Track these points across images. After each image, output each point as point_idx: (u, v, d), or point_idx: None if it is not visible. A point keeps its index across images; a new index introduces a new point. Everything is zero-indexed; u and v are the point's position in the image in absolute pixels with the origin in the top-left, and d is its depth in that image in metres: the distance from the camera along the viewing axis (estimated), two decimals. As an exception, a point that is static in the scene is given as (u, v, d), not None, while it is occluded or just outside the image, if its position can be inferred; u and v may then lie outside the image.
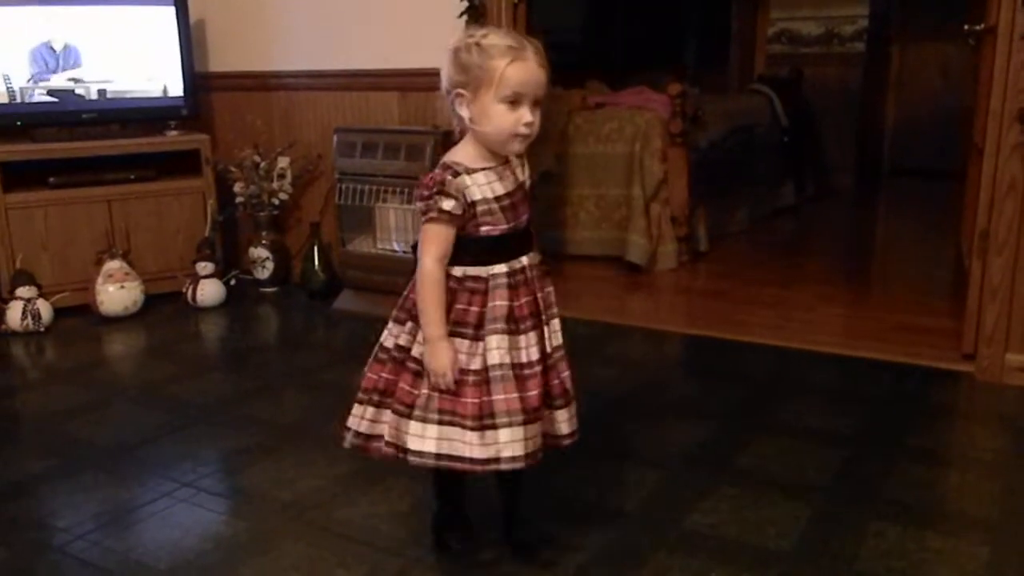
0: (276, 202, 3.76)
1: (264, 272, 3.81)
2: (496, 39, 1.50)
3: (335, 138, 3.48)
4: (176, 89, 3.73)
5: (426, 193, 1.54)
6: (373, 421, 1.61)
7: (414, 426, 1.56)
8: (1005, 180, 2.49)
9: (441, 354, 1.52)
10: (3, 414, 2.62)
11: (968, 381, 2.63)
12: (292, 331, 3.54)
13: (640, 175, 4.01)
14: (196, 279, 3.60)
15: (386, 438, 1.59)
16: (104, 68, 3.62)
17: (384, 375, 1.60)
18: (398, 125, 3.52)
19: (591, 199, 4.10)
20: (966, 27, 2.97)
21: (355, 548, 1.79)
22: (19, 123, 3.50)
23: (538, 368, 1.57)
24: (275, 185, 3.73)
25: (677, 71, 4.35)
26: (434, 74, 3.70)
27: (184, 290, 3.61)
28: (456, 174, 1.53)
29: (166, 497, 2.02)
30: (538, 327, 1.59)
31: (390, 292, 3.39)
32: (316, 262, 3.68)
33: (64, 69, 3.55)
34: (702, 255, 4.25)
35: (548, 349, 1.60)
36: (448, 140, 3.25)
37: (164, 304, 3.60)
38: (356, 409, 1.64)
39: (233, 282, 3.77)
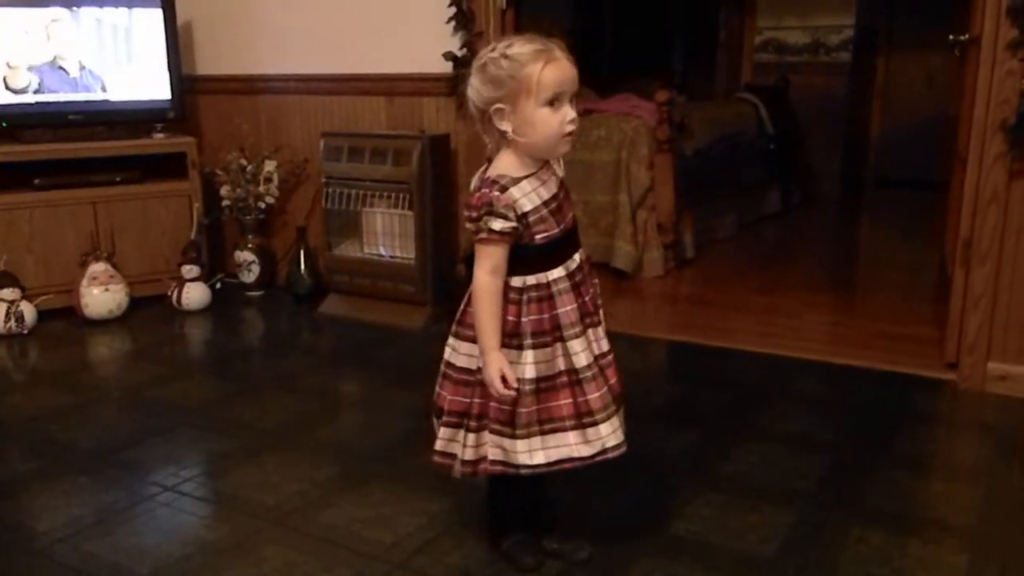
0: (262, 206, 3.75)
1: (250, 276, 3.80)
2: (522, 47, 1.49)
3: (322, 142, 3.48)
4: (163, 92, 3.72)
5: (475, 215, 1.52)
6: (477, 446, 1.61)
7: (520, 444, 1.57)
8: (988, 189, 2.51)
9: (493, 365, 1.53)
10: (-16, 417, 2.61)
11: (950, 389, 2.65)
12: (277, 335, 3.53)
13: (627, 182, 4.02)
14: (181, 282, 3.58)
15: (491, 457, 1.59)
16: (90, 70, 3.61)
17: (476, 399, 1.60)
18: (385, 130, 3.52)
19: (578, 206, 4.07)
20: (951, 37, 3.00)
21: (339, 552, 1.78)
22: (4, 124, 3.48)
23: (611, 356, 1.64)
24: (261, 189, 3.72)
25: (664, 79, 4.37)
26: (421, 79, 3.69)
27: (169, 293, 3.59)
28: (504, 189, 1.51)
29: (148, 501, 2.01)
30: (601, 320, 1.64)
31: (376, 297, 3.42)
32: (302, 266, 3.67)
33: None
34: (688, 262, 4.27)
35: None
36: (436, 144, 3.27)
37: (149, 307, 3.58)
38: (446, 432, 1.63)
39: (218, 285, 3.75)
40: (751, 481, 2.08)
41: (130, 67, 3.67)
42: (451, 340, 1.64)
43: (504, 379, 1.52)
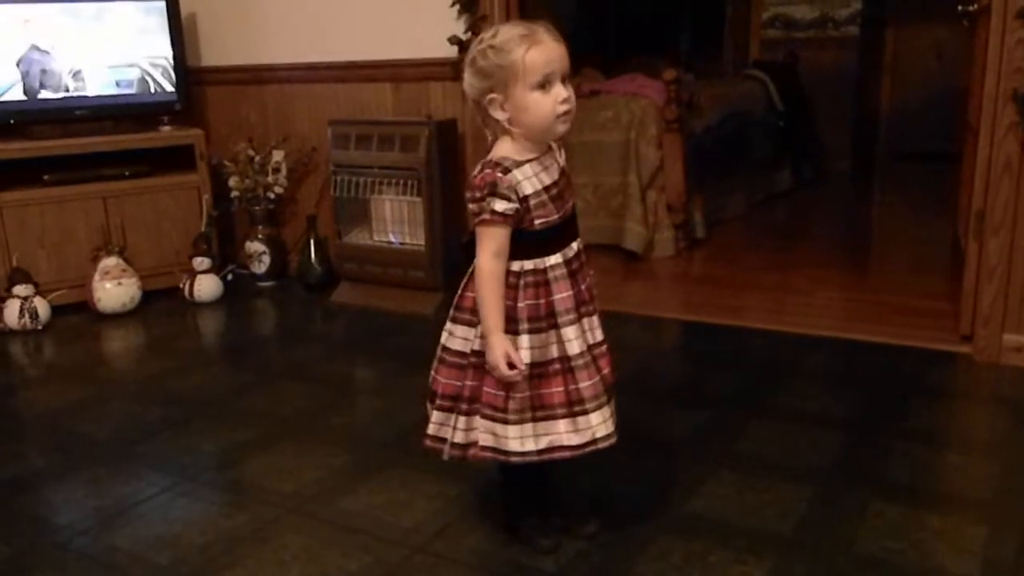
0: (271, 196, 3.75)
1: (261, 266, 3.81)
2: (505, 34, 1.50)
3: (329, 130, 3.48)
4: (168, 84, 3.72)
5: (478, 195, 1.52)
6: (467, 429, 1.61)
7: (512, 430, 1.57)
8: (1000, 160, 2.49)
9: (497, 348, 1.53)
10: (3, 412, 2.62)
11: (965, 362, 2.64)
12: (290, 324, 3.54)
13: (636, 162, 4.00)
14: (193, 274, 3.60)
15: (481, 443, 1.59)
16: (95, 64, 3.61)
17: (468, 382, 1.60)
18: (392, 116, 3.51)
19: (587, 188, 4.09)
20: (960, 7, 2.96)
21: (357, 538, 1.79)
22: (12, 121, 3.49)
23: (604, 346, 1.64)
24: (270, 179, 3.72)
25: (671, 57, 4.34)
26: (427, 64, 3.68)
27: (181, 285, 3.61)
28: (507, 170, 1.52)
29: (167, 491, 2.03)
30: (596, 309, 1.64)
31: (387, 284, 3.42)
32: (312, 255, 3.68)
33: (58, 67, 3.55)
34: (699, 241, 4.25)
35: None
36: (443, 129, 3.26)
37: (161, 300, 3.60)
38: (438, 416, 1.63)
39: (230, 277, 3.77)
40: (766, 458, 2.08)
41: (135, 60, 3.67)
42: (448, 324, 1.65)
43: (510, 363, 1.52)
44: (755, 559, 1.67)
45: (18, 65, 3.47)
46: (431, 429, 1.65)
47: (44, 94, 3.54)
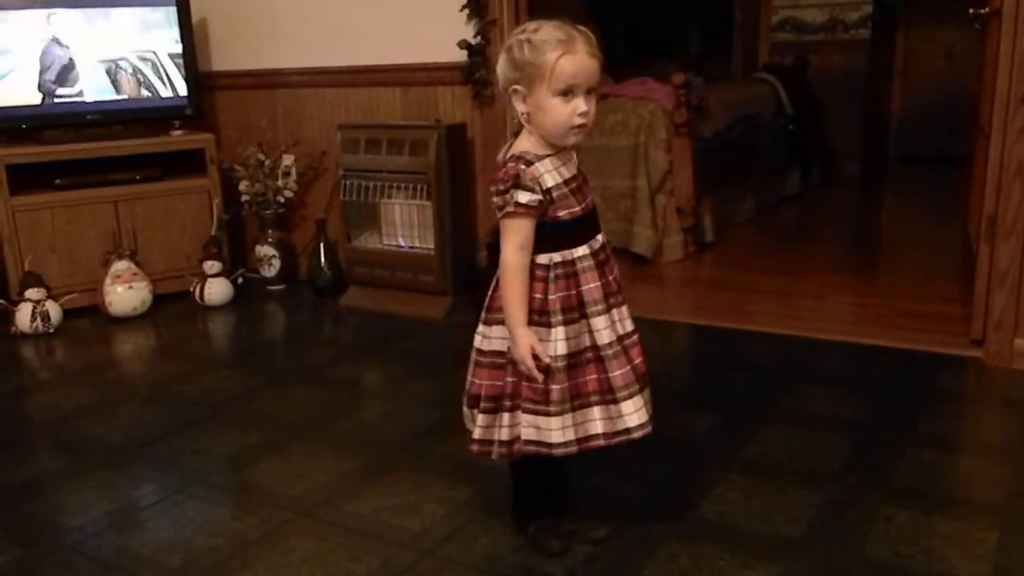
0: (281, 200, 3.77)
1: (271, 270, 3.82)
2: (546, 33, 1.51)
3: (339, 134, 3.49)
4: (180, 89, 3.74)
5: (502, 188, 1.55)
6: (511, 426, 1.62)
7: (555, 421, 1.58)
8: (1012, 164, 2.48)
9: (522, 341, 1.54)
10: (15, 415, 2.64)
11: (977, 367, 2.62)
12: (299, 328, 3.55)
13: (645, 166, 4.00)
14: (203, 278, 3.61)
15: (524, 437, 1.60)
16: (105, 68, 3.64)
17: (508, 379, 1.60)
18: (401, 120, 3.52)
19: (596, 191, 4.01)
20: (971, 10, 2.95)
21: (366, 541, 1.79)
22: (24, 125, 3.51)
23: (635, 336, 1.65)
24: (280, 183, 3.74)
25: (680, 61, 4.33)
26: (436, 68, 3.70)
27: (192, 289, 3.62)
28: (529, 163, 1.55)
29: (177, 494, 2.04)
30: (624, 300, 1.65)
31: (396, 288, 3.43)
32: (322, 259, 3.69)
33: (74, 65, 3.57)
34: (708, 245, 4.24)
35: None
36: (452, 133, 3.27)
37: (172, 303, 3.62)
38: (484, 419, 1.63)
39: (240, 280, 3.78)
40: (776, 462, 2.07)
41: (146, 64, 3.69)
42: (481, 328, 1.65)
43: (535, 355, 1.53)
44: (764, 564, 1.67)
45: (41, 58, 3.50)
46: (477, 433, 1.65)
47: (59, 92, 3.55)
